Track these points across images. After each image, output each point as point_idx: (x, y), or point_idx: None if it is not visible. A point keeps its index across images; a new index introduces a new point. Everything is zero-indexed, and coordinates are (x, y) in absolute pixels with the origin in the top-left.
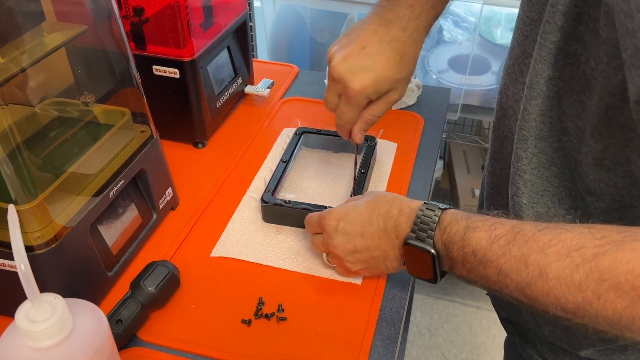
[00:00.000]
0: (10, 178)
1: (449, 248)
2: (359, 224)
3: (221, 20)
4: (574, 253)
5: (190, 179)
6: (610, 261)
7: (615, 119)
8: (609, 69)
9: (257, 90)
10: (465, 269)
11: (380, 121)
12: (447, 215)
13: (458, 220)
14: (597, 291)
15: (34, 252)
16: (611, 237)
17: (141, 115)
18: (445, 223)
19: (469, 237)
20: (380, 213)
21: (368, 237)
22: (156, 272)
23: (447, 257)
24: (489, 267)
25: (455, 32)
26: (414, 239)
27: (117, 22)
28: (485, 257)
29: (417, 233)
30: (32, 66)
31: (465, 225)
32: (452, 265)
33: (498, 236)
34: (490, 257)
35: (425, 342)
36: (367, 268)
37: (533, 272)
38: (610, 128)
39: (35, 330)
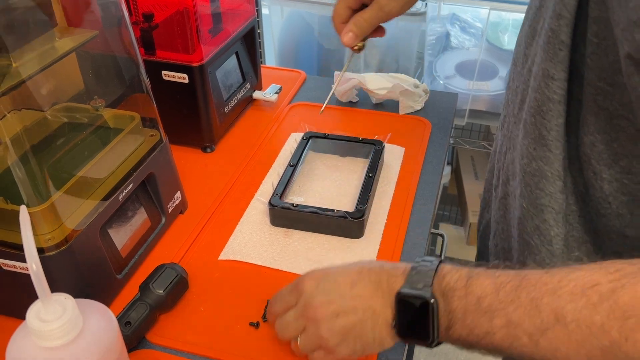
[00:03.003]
0: (21, 181)
1: (449, 297)
2: (347, 280)
3: (229, 27)
4: (589, 291)
5: (198, 183)
6: (630, 296)
7: (604, 107)
8: (599, 51)
9: (265, 96)
10: (466, 326)
11: (387, 125)
12: (445, 265)
13: (459, 269)
14: (624, 331)
15: (45, 254)
16: (625, 270)
17: (150, 120)
18: (444, 271)
19: (472, 283)
20: (371, 268)
21: (357, 295)
22: (165, 275)
23: (446, 311)
24: (497, 317)
25: (462, 38)
26: (408, 288)
27: (127, 28)
28: (492, 306)
29: (411, 283)
30: (43, 71)
31: (468, 273)
32: (450, 323)
33: (504, 282)
34: (497, 306)
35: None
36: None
37: (548, 317)
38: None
39: (45, 329)
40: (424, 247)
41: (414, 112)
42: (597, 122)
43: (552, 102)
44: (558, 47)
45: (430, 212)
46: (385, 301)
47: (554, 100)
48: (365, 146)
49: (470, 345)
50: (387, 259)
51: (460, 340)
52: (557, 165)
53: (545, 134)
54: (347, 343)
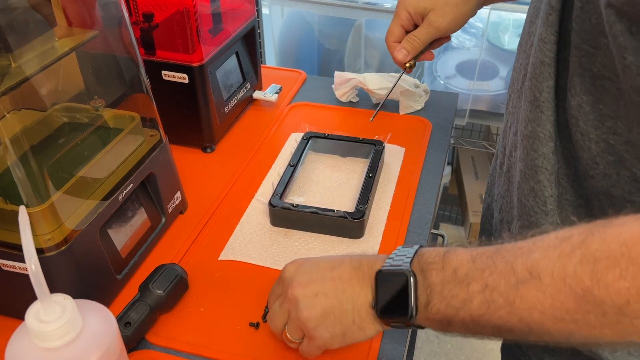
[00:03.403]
0: (21, 181)
1: (427, 272)
2: (327, 265)
3: (230, 27)
4: (562, 244)
5: (198, 183)
6: (600, 241)
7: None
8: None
9: (265, 96)
10: (444, 298)
11: (388, 125)
12: (423, 248)
13: (435, 249)
14: (595, 275)
15: (44, 255)
16: (596, 223)
17: (150, 120)
18: (422, 252)
19: (449, 257)
20: (352, 256)
21: (337, 277)
22: (165, 275)
23: (424, 286)
24: (473, 283)
25: (463, 38)
26: (388, 266)
27: (127, 28)
28: (468, 274)
29: (391, 263)
30: (43, 71)
31: (444, 250)
32: (428, 298)
33: (480, 253)
34: (473, 273)
35: (434, 348)
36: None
37: (523, 275)
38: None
39: (45, 330)
40: None
41: (415, 112)
42: (582, 83)
43: (544, 64)
44: (549, 12)
45: (431, 213)
46: (365, 282)
47: (545, 62)
48: (366, 146)
49: (449, 320)
50: None
51: (439, 316)
52: (549, 127)
53: (538, 96)
54: (325, 326)
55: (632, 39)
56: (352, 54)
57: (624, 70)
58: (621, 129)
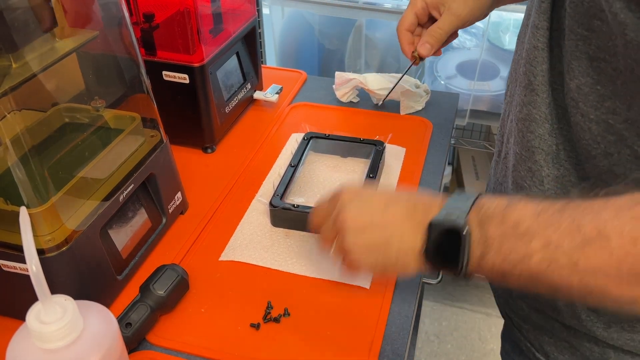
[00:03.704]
0: (22, 182)
1: (486, 225)
2: (381, 200)
3: (230, 27)
4: (636, 207)
5: (199, 183)
6: None
7: (585, 51)
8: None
9: (266, 96)
10: (502, 252)
11: (388, 126)
12: (483, 197)
13: (496, 198)
14: None
15: (45, 255)
16: None
17: (151, 120)
18: (481, 202)
19: (511, 209)
20: (409, 198)
21: (390, 214)
22: (165, 276)
23: (481, 240)
24: (535, 239)
25: (464, 38)
26: (442, 217)
27: (127, 29)
28: (530, 229)
29: (447, 213)
30: (43, 72)
31: (506, 201)
32: (484, 250)
33: (545, 208)
34: (536, 229)
35: (434, 349)
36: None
37: (590, 234)
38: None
39: (45, 331)
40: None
41: (415, 112)
42: (579, 66)
43: (537, 49)
44: (541, 0)
45: None
46: (417, 228)
47: (539, 47)
48: (366, 147)
49: (503, 274)
50: None
51: (494, 269)
52: (544, 109)
53: (533, 80)
54: (367, 256)
55: (632, 15)
56: (353, 54)
57: (625, 46)
58: (620, 107)
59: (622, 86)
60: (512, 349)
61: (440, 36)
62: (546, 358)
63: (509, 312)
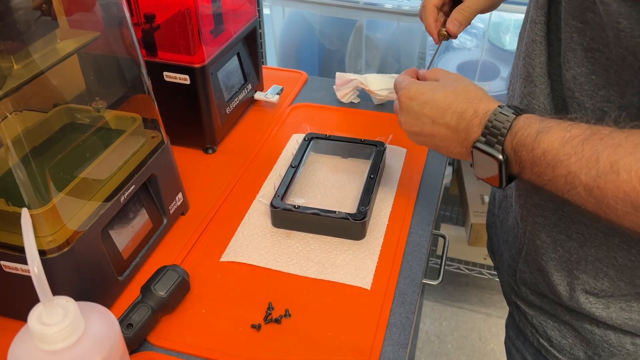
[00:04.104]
0: (23, 183)
1: (519, 151)
2: (431, 112)
3: (231, 28)
4: None
5: (200, 184)
6: None
7: (579, 43)
8: None
9: (267, 97)
10: (534, 173)
11: (389, 126)
12: (520, 119)
13: (531, 123)
14: None
15: (46, 257)
16: None
17: (152, 121)
18: (517, 128)
19: (540, 139)
20: (456, 110)
21: (436, 128)
22: (166, 277)
23: (516, 161)
24: (558, 168)
25: (464, 39)
26: (483, 142)
27: (128, 29)
28: (555, 158)
29: (487, 138)
30: (45, 73)
31: (538, 128)
32: (520, 169)
33: (572, 136)
34: (560, 158)
35: (435, 349)
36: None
37: (604, 167)
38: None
39: (47, 332)
40: (425, 248)
41: None
42: (575, 57)
43: (535, 42)
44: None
45: (432, 214)
46: (462, 145)
47: (537, 41)
48: (367, 147)
49: (539, 187)
50: (389, 260)
51: (530, 182)
52: (542, 99)
53: (532, 72)
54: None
55: (624, 4)
56: (353, 55)
57: (617, 36)
58: (614, 96)
59: (615, 75)
60: (516, 336)
61: (469, 15)
62: (549, 343)
63: (515, 297)
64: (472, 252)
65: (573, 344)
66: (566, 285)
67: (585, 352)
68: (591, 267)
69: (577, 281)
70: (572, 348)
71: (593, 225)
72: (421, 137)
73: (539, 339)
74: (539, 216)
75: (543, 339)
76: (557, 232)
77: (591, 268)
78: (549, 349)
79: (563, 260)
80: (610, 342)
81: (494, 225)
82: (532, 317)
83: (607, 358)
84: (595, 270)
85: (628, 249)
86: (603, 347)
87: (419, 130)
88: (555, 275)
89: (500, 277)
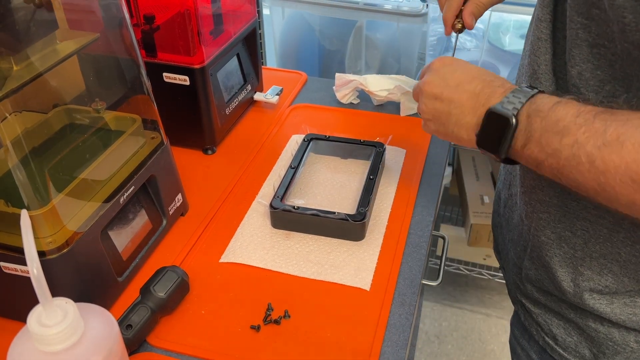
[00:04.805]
0: (22, 184)
1: (532, 118)
2: (460, 77)
3: (231, 28)
4: None
5: (199, 185)
6: None
7: (585, 39)
8: None
9: (266, 97)
10: (540, 144)
11: (389, 127)
12: (541, 94)
13: (551, 96)
14: None
15: (46, 257)
16: None
17: (152, 122)
18: (536, 98)
19: (556, 108)
20: (484, 79)
21: (458, 93)
22: (166, 278)
23: (526, 130)
24: (566, 136)
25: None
26: (499, 106)
27: (128, 30)
28: (566, 127)
29: (505, 102)
30: (44, 73)
31: (557, 100)
32: (526, 140)
33: (586, 110)
34: (570, 127)
35: (434, 349)
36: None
37: (610, 138)
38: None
39: (46, 334)
40: (425, 249)
41: (416, 113)
42: (580, 53)
43: (541, 40)
44: None
45: (432, 214)
46: (476, 109)
47: (542, 39)
48: (367, 148)
49: (537, 163)
50: (389, 261)
51: (530, 158)
52: None
53: (537, 69)
54: (432, 123)
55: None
56: (353, 55)
57: (622, 30)
58: (619, 90)
59: (621, 70)
60: (521, 335)
61: (483, 9)
62: (555, 341)
63: (520, 295)
64: (472, 252)
65: (578, 341)
66: (570, 281)
67: (590, 350)
68: (595, 263)
69: (582, 277)
70: (577, 346)
71: (597, 221)
72: (437, 103)
73: (544, 337)
74: (543, 212)
75: (548, 337)
76: (562, 229)
77: (595, 264)
78: (554, 347)
79: (567, 256)
80: (614, 339)
81: (499, 225)
82: (537, 315)
83: (612, 356)
84: (599, 266)
85: (632, 244)
86: (607, 344)
87: (439, 93)
88: (560, 272)
89: (506, 276)
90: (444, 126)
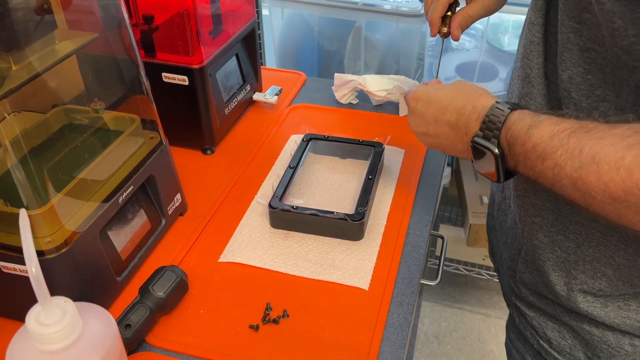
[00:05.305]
0: (21, 183)
1: (512, 145)
2: (434, 112)
3: (230, 28)
4: (632, 136)
5: (198, 184)
6: None
7: (576, 43)
8: None
9: (265, 97)
10: (527, 167)
11: (388, 127)
12: (514, 114)
13: (524, 118)
14: None
15: (45, 257)
16: None
17: (151, 122)
18: (511, 122)
19: (531, 133)
20: (456, 107)
21: (440, 126)
22: (165, 277)
23: (511, 155)
24: (547, 160)
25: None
26: (480, 137)
27: (127, 30)
28: (544, 151)
29: (484, 132)
30: (43, 73)
31: (530, 123)
32: (515, 163)
33: (560, 130)
34: (548, 151)
35: (434, 349)
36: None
37: (586, 159)
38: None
39: (45, 333)
40: (423, 249)
41: None
42: (571, 57)
43: (533, 44)
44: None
45: (431, 214)
46: (463, 141)
47: (534, 42)
48: (366, 148)
49: (534, 180)
50: (387, 261)
51: (526, 176)
52: (539, 99)
53: (529, 72)
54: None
55: (618, 3)
56: (352, 56)
57: (612, 35)
58: (610, 95)
59: (611, 74)
60: (516, 338)
61: (471, 21)
62: (549, 344)
63: (515, 299)
64: (471, 252)
65: (572, 345)
66: (564, 285)
67: (585, 353)
68: (589, 266)
69: (575, 281)
70: (571, 349)
71: (590, 225)
72: (429, 138)
73: (538, 341)
74: (536, 216)
75: (543, 341)
76: (555, 232)
77: (589, 268)
78: (549, 350)
79: (561, 260)
80: (609, 342)
81: (493, 227)
82: (531, 318)
83: (607, 359)
84: (592, 270)
85: (625, 248)
86: (602, 348)
87: (425, 130)
88: (553, 275)
89: (501, 279)
90: (445, 151)
